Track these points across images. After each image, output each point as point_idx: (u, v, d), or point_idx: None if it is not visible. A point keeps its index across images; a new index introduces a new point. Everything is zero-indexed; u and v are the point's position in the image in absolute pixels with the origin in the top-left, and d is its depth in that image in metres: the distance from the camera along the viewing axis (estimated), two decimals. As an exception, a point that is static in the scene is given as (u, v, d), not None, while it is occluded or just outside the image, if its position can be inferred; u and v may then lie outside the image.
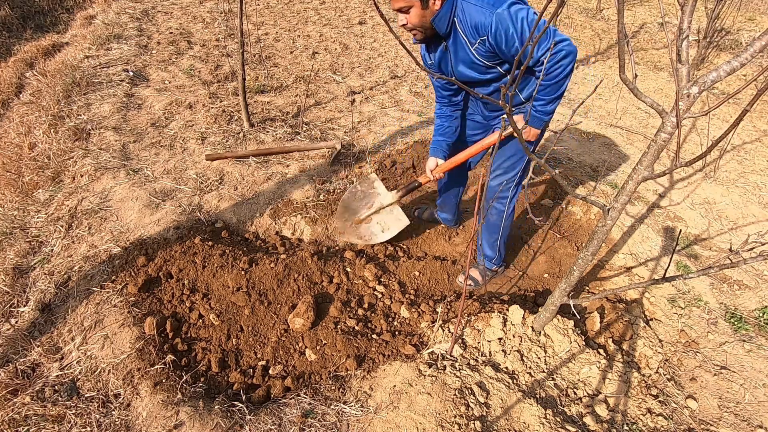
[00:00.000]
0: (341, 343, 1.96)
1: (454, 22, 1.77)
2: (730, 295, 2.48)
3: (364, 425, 1.67)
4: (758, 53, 0.99)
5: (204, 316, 2.05)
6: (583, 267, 1.66)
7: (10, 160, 3.21)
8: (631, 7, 7.09)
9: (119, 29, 5.05)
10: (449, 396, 1.72)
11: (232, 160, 3.07)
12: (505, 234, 2.37)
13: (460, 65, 1.90)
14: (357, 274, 2.34)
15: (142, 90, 3.90)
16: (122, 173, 2.85)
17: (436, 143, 2.26)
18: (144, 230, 2.47)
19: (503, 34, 1.67)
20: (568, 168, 3.41)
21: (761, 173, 3.58)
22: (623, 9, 1.00)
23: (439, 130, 2.25)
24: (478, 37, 1.74)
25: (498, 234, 2.35)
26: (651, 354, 2.05)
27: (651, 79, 5.09)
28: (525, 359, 1.91)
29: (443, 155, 2.26)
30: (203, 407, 1.70)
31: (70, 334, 1.96)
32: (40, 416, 1.65)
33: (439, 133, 2.25)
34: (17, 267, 2.29)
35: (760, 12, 6.78)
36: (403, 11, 1.75)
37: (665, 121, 1.21)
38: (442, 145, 2.25)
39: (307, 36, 5.47)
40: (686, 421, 1.85)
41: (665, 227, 2.92)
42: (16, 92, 4.24)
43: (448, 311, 2.16)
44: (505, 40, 1.68)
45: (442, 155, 2.25)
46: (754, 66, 5.16)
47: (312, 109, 3.92)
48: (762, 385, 2.00)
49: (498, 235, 2.35)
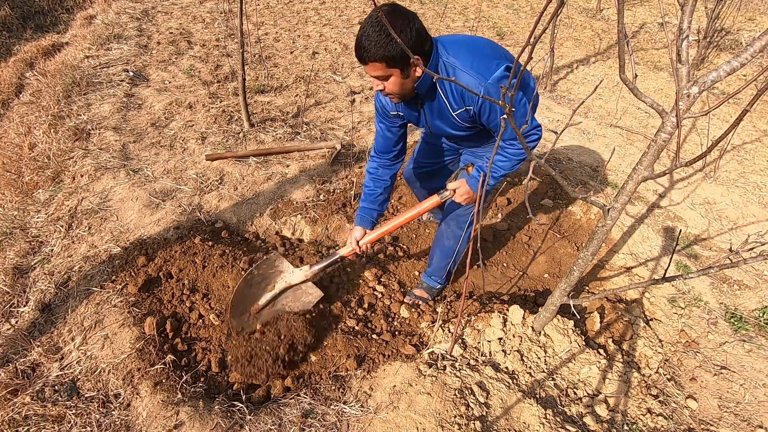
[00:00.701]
0: (341, 343, 1.96)
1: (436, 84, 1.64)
2: (730, 295, 2.48)
3: (364, 425, 1.67)
4: (758, 53, 0.99)
5: (204, 316, 2.05)
6: (583, 267, 1.66)
7: (10, 160, 3.21)
8: (631, 7, 7.09)
9: (119, 29, 5.05)
10: (449, 396, 1.72)
11: (232, 160, 3.07)
12: (458, 259, 2.23)
13: (437, 121, 1.78)
14: (357, 274, 2.34)
15: (142, 90, 3.90)
16: (122, 173, 2.85)
17: (364, 211, 1.99)
18: (144, 230, 2.47)
19: (488, 108, 1.63)
20: (568, 168, 3.41)
21: (761, 173, 3.58)
22: (623, 9, 1.00)
23: (370, 197, 2.00)
24: (463, 105, 1.66)
25: (451, 258, 2.20)
26: (651, 354, 2.05)
27: (651, 79, 5.09)
28: (525, 359, 1.91)
29: (371, 225, 2.00)
30: (203, 407, 1.70)
31: (70, 334, 1.96)
32: (40, 416, 1.65)
33: (369, 200, 2.00)
34: (17, 267, 2.29)
35: (760, 12, 6.78)
36: (381, 79, 1.57)
37: (665, 121, 1.21)
38: (372, 215, 2.00)
39: (307, 36, 5.47)
40: (686, 421, 1.85)
41: (665, 227, 2.92)
42: (16, 92, 4.24)
43: (448, 311, 2.16)
44: (488, 114, 1.65)
45: (370, 225, 2.00)
46: (754, 66, 5.16)
47: (312, 109, 3.92)
48: (762, 385, 2.00)
49: (450, 260, 2.21)
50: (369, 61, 1.49)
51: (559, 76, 5.04)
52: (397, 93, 1.63)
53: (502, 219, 2.90)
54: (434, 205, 1.94)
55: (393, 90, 1.60)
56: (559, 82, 4.95)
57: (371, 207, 2.00)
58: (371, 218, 2.00)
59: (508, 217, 2.92)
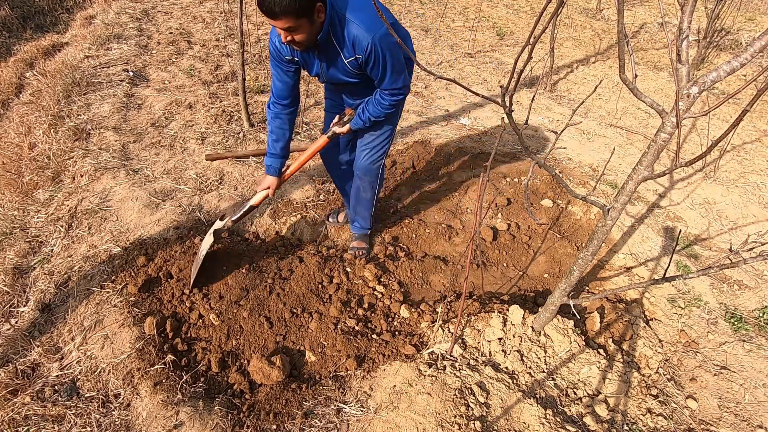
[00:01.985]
0: (341, 343, 1.96)
1: (329, 31, 1.77)
2: (730, 295, 2.48)
3: (364, 425, 1.67)
4: (758, 53, 0.99)
5: (204, 316, 2.05)
6: (583, 267, 1.67)
7: (10, 160, 3.21)
8: (631, 7, 7.09)
9: (119, 29, 5.05)
10: (449, 396, 1.72)
11: (232, 160, 3.08)
12: (376, 204, 2.49)
13: (331, 69, 1.93)
14: (357, 274, 2.34)
15: (142, 90, 3.90)
16: (122, 173, 2.85)
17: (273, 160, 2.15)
18: (144, 230, 2.47)
19: (373, 59, 1.81)
20: (568, 168, 3.41)
21: (761, 173, 3.58)
22: (623, 9, 1.00)
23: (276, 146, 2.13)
24: (354, 54, 1.81)
25: (373, 206, 2.46)
26: (651, 354, 2.05)
27: (651, 79, 5.09)
28: (525, 359, 1.91)
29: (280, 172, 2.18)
30: (203, 407, 1.70)
31: (70, 334, 1.96)
32: (40, 416, 1.65)
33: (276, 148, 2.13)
34: (17, 267, 2.29)
35: (760, 12, 6.78)
36: (291, 30, 1.67)
37: (665, 121, 1.21)
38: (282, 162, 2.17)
39: (307, 36, 5.47)
40: (686, 421, 1.85)
41: (665, 227, 2.92)
42: (16, 92, 4.24)
43: (447, 311, 2.16)
44: (372, 65, 1.83)
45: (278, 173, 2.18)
46: (754, 66, 5.16)
47: (312, 109, 3.92)
48: (762, 385, 2.00)
49: (372, 207, 2.46)
50: (281, 15, 1.57)
51: (559, 76, 5.04)
52: (305, 42, 1.73)
53: (502, 219, 2.90)
54: (324, 144, 2.19)
55: (303, 39, 1.71)
56: (559, 82, 4.95)
57: (279, 155, 2.15)
58: (280, 166, 2.18)
59: (508, 217, 2.92)
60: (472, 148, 3.49)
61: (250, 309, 2.08)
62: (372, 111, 2.04)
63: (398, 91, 1.97)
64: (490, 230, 2.78)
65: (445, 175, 3.24)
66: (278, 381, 1.82)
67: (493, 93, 4.47)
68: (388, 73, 1.87)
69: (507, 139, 3.70)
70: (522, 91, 4.59)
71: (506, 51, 5.55)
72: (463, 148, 3.48)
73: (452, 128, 3.83)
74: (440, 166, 3.31)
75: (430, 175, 3.24)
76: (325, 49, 1.84)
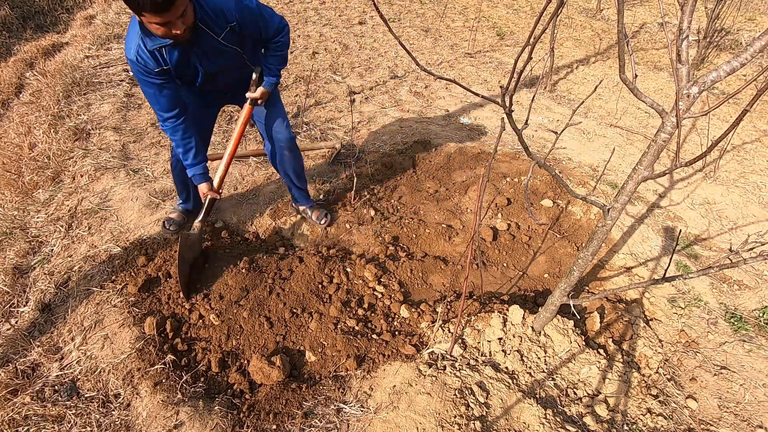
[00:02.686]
0: (341, 343, 1.96)
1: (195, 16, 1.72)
2: (730, 295, 2.48)
3: (364, 425, 1.67)
4: (758, 53, 0.99)
5: (204, 316, 2.05)
6: (583, 267, 1.67)
7: (10, 160, 3.21)
8: (631, 7, 7.09)
9: (119, 29, 5.05)
10: (449, 396, 1.72)
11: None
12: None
13: (211, 57, 1.87)
14: (357, 274, 2.34)
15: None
16: (122, 173, 2.85)
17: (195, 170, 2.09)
18: (144, 230, 2.47)
19: (247, 16, 1.81)
20: (568, 168, 3.41)
21: (761, 173, 3.58)
22: (623, 9, 1.00)
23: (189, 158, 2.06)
24: (226, 24, 1.78)
25: (304, 173, 2.54)
26: (651, 354, 2.05)
27: (651, 79, 5.09)
28: (525, 359, 1.91)
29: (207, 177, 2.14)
30: (203, 407, 1.70)
31: (70, 334, 1.96)
32: (40, 416, 1.65)
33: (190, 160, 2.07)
34: (17, 267, 2.29)
35: (760, 12, 6.78)
36: (182, 16, 1.60)
37: (665, 121, 1.21)
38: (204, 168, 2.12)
39: (307, 36, 5.46)
40: (686, 421, 1.85)
41: (665, 227, 2.92)
42: (16, 92, 4.24)
43: (447, 311, 2.16)
44: (249, 21, 1.83)
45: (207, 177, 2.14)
46: (754, 66, 5.16)
47: (312, 109, 3.92)
48: (762, 385, 2.00)
49: (304, 174, 2.54)
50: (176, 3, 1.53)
51: (559, 76, 5.04)
52: (190, 25, 1.68)
53: (502, 219, 2.90)
54: (249, 113, 2.17)
55: (190, 22, 1.67)
56: (559, 82, 4.95)
57: (197, 163, 2.10)
58: (204, 171, 2.13)
59: (508, 217, 2.92)
60: (472, 148, 3.49)
61: (250, 309, 2.08)
62: (274, 62, 2.05)
63: (282, 26, 1.97)
64: (490, 230, 2.78)
65: (445, 175, 3.24)
66: (278, 381, 1.82)
67: (493, 93, 4.47)
68: (266, 18, 1.89)
69: (507, 139, 3.70)
70: (522, 91, 4.58)
71: (506, 51, 5.55)
72: (463, 148, 3.48)
73: (452, 128, 3.83)
74: (440, 166, 3.31)
75: (430, 175, 3.24)
76: (197, 39, 1.78)
